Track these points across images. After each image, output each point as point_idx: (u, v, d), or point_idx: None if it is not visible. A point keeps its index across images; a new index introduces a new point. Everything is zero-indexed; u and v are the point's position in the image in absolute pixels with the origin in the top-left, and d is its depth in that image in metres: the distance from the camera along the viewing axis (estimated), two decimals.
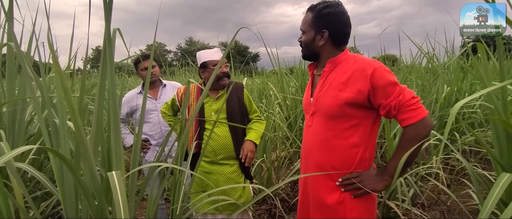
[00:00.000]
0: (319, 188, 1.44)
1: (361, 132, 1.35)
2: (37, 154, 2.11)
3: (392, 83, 1.27)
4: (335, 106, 1.34)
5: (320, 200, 1.43)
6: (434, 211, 3.16)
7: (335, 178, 1.39)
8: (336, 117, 1.36)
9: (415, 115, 1.25)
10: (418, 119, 1.25)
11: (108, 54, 1.03)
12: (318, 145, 1.43)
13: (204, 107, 2.09)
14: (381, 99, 1.28)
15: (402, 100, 1.25)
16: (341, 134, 1.36)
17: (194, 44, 49.41)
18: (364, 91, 1.29)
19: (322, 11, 1.39)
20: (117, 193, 0.89)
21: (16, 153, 0.87)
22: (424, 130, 1.25)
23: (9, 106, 1.69)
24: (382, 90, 1.27)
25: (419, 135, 1.25)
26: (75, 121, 0.91)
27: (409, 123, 1.26)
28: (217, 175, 2.06)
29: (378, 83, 1.27)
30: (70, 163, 0.97)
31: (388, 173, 1.32)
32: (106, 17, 0.99)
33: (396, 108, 1.27)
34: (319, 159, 1.43)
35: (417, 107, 1.26)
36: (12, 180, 1.38)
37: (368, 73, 1.28)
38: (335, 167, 1.38)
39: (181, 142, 1.38)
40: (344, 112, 1.33)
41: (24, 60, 1.17)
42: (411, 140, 1.25)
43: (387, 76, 1.28)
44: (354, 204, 1.37)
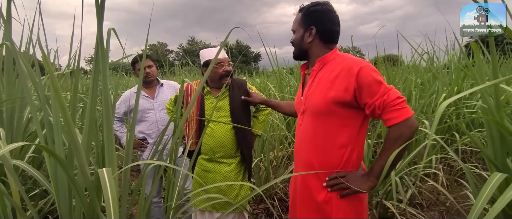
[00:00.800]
0: (307, 186, 1.45)
1: (349, 132, 1.36)
2: (37, 153, 2.14)
3: (378, 82, 1.28)
4: (323, 104, 1.36)
5: (307, 198, 1.45)
6: (433, 212, 3.15)
7: (323, 177, 1.40)
8: (324, 116, 1.37)
9: (399, 115, 1.25)
10: (402, 119, 1.25)
11: (100, 53, 1.05)
12: (307, 143, 1.45)
13: (205, 105, 2.10)
14: (366, 97, 1.29)
15: (386, 99, 1.26)
16: (329, 133, 1.37)
17: (196, 44, 49.58)
18: (350, 89, 1.30)
19: (309, 9, 1.45)
20: (107, 189, 0.91)
21: (9, 148, 0.89)
22: (408, 130, 1.26)
23: (7, 104, 1.72)
24: (367, 88, 1.28)
25: (403, 135, 1.25)
26: (66, 119, 0.93)
27: (393, 123, 1.26)
28: (214, 173, 2.07)
29: (363, 81, 1.28)
30: (63, 161, 0.99)
31: (374, 174, 1.32)
32: (98, 17, 1.01)
33: (381, 107, 1.27)
34: (308, 158, 1.44)
35: (402, 107, 1.26)
36: (8, 177, 1.40)
37: (355, 71, 1.29)
38: (323, 166, 1.39)
39: (174, 139, 1.40)
40: (331, 110, 1.35)
41: (21, 60, 1.19)
42: (396, 140, 1.26)
43: (373, 75, 1.29)
44: (340, 204, 1.38)
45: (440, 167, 3.49)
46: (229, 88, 2.11)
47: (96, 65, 1.06)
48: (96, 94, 1.09)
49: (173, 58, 47.45)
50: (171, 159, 1.45)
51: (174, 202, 1.41)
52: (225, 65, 2.07)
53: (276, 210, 2.92)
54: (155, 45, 50.01)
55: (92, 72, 1.06)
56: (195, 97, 1.39)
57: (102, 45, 1.03)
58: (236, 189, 2.09)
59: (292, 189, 1.61)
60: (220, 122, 2.04)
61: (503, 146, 1.60)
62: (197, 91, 1.40)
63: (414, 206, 3.01)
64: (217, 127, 2.05)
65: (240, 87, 2.14)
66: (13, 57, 1.75)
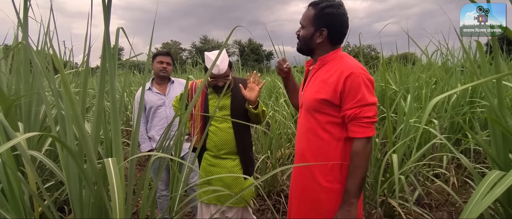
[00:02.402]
0: (300, 175, 1.52)
1: (340, 128, 1.40)
2: (53, 146, 2.26)
3: (360, 92, 1.31)
4: (314, 101, 1.41)
5: (302, 188, 1.51)
6: (442, 212, 3.11)
7: (316, 168, 1.44)
8: (316, 111, 1.42)
9: (361, 131, 1.32)
10: (361, 136, 1.33)
11: (108, 52, 1.13)
12: (302, 136, 1.51)
13: (209, 103, 2.17)
14: (344, 103, 1.34)
15: (358, 114, 1.31)
16: (320, 127, 1.42)
17: (208, 42, 49.82)
18: (337, 90, 1.34)
19: (324, 10, 1.42)
20: (111, 177, 0.98)
21: (23, 137, 0.98)
22: (363, 149, 1.34)
23: (25, 99, 1.83)
24: (348, 94, 1.32)
25: (360, 151, 1.33)
26: (74, 110, 1.01)
27: (354, 136, 1.34)
28: (220, 168, 2.14)
29: (348, 86, 1.32)
30: (73, 151, 1.07)
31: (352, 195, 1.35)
32: (105, 16, 1.09)
33: (350, 118, 1.33)
34: (301, 148, 1.51)
35: (367, 126, 1.33)
36: (26, 167, 1.51)
37: (345, 74, 1.33)
38: (315, 157, 1.44)
39: (178, 134, 1.47)
40: (322, 107, 1.40)
41: (35, 58, 1.28)
42: (357, 154, 1.34)
43: (360, 84, 1.32)
44: (330, 197, 1.43)
45: (452, 168, 3.45)
46: (232, 88, 2.16)
47: (103, 62, 1.13)
48: (103, 89, 1.16)
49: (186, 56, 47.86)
50: (175, 152, 1.52)
51: (179, 193, 1.48)
52: (217, 81, 2.07)
53: (282, 206, 2.96)
54: (168, 44, 50.52)
55: (100, 69, 1.13)
56: (197, 94, 1.46)
57: (109, 43, 1.11)
58: (241, 183, 2.15)
59: (291, 182, 1.66)
60: (222, 120, 2.11)
61: (505, 145, 1.59)
62: (199, 89, 1.46)
63: (422, 206, 2.98)
64: (221, 125, 2.12)
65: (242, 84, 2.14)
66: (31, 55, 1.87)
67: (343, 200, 1.37)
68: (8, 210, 1.35)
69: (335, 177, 1.42)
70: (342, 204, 1.38)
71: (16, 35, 2.16)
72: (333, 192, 1.42)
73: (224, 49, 2.00)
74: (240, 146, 2.14)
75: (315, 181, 1.44)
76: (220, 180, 2.11)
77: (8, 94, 2.00)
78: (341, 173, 1.41)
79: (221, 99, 2.14)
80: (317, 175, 1.44)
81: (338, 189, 1.41)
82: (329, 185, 1.42)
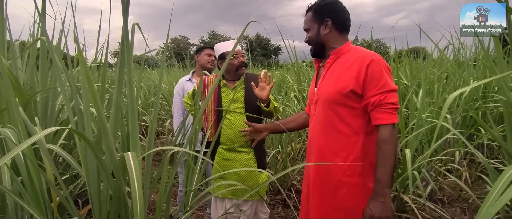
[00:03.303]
0: (318, 173, 1.50)
1: (360, 121, 1.40)
2: (67, 140, 2.30)
3: (383, 78, 1.32)
4: (335, 93, 1.40)
5: (320, 185, 1.50)
6: (454, 208, 3.08)
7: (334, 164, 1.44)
8: (336, 105, 1.42)
9: (387, 117, 1.32)
10: (388, 122, 1.32)
11: (126, 47, 1.14)
12: (319, 132, 1.50)
13: (222, 97, 2.18)
14: (367, 90, 1.34)
15: (383, 100, 1.31)
16: (341, 122, 1.42)
17: (216, 37, 49.87)
18: (360, 79, 1.34)
19: (320, 4, 1.51)
20: (132, 170, 1.00)
21: (45, 133, 1.00)
22: (390, 134, 1.32)
23: (42, 95, 1.86)
24: (371, 81, 1.33)
25: (389, 138, 1.32)
26: (96, 105, 1.02)
27: (380, 122, 1.33)
28: (235, 162, 2.15)
29: (371, 73, 1.33)
30: (92, 143, 1.09)
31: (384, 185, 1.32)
32: (124, 12, 1.10)
33: (374, 105, 1.32)
34: (319, 145, 1.49)
35: (392, 112, 1.32)
36: (44, 160, 1.54)
37: (366, 62, 1.34)
38: (335, 153, 1.44)
39: (193, 128, 1.48)
40: (343, 100, 1.39)
41: (55, 53, 1.30)
42: (386, 141, 1.32)
43: (382, 71, 1.33)
44: (352, 191, 1.42)
45: (464, 163, 3.41)
46: (245, 81, 2.18)
47: (122, 57, 1.14)
48: (121, 84, 1.18)
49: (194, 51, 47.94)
50: (190, 147, 1.53)
51: (194, 187, 1.49)
52: (239, 56, 2.15)
53: (292, 201, 2.97)
54: (176, 39, 50.65)
55: (118, 64, 1.15)
56: (212, 89, 1.47)
57: (127, 39, 1.12)
58: (256, 177, 2.16)
59: (306, 178, 1.65)
60: (236, 113, 2.12)
61: None
62: (214, 83, 1.47)
63: (434, 201, 2.96)
64: (234, 118, 2.13)
65: (254, 81, 2.19)
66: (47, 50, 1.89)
67: (376, 191, 1.33)
68: (28, 202, 1.39)
69: (356, 171, 1.41)
70: (374, 195, 1.34)
71: (33, 31, 2.19)
72: (354, 187, 1.42)
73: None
74: None
75: (334, 176, 1.44)
76: (235, 173, 2.12)
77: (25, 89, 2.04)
78: (363, 167, 1.41)
79: (234, 92, 2.15)
80: (336, 170, 1.44)
81: (359, 184, 1.41)
82: (349, 180, 1.42)
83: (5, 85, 1.30)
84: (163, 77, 6.69)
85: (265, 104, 2.07)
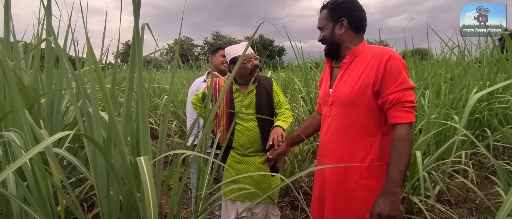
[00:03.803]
0: (334, 177, 1.47)
1: (377, 121, 1.37)
2: (71, 143, 2.26)
3: (401, 75, 1.29)
4: (353, 94, 1.37)
5: (336, 188, 1.46)
6: (462, 209, 3.06)
7: (351, 166, 1.40)
8: (354, 105, 1.38)
9: (406, 116, 1.29)
10: (407, 121, 1.28)
11: (137, 48, 1.10)
12: (335, 134, 1.46)
13: (234, 102, 2.14)
14: (385, 87, 1.31)
15: (401, 98, 1.28)
16: (358, 123, 1.38)
17: (220, 38, 49.84)
18: (379, 75, 1.31)
19: (336, 3, 1.46)
20: (145, 176, 0.96)
21: (55, 138, 0.96)
22: (408, 133, 1.29)
23: (47, 97, 1.82)
24: (389, 78, 1.30)
25: (406, 136, 1.28)
26: (108, 108, 0.98)
27: (399, 121, 1.29)
28: (248, 165, 2.12)
29: (389, 70, 1.30)
30: (102, 148, 1.06)
31: (396, 183, 1.28)
32: (135, 15, 1.06)
33: (392, 103, 1.29)
34: (336, 148, 1.46)
35: (410, 111, 1.29)
36: (51, 164, 1.50)
37: (385, 58, 1.31)
38: (352, 154, 1.40)
39: (204, 132, 1.44)
40: (361, 99, 1.36)
41: (62, 53, 1.27)
42: (402, 140, 1.28)
43: (400, 68, 1.30)
44: (368, 195, 1.38)
45: (470, 163, 3.38)
46: (257, 86, 2.14)
47: (133, 58, 1.11)
48: (132, 86, 1.14)
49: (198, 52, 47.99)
50: (201, 150, 1.49)
51: (204, 191, 1.46)
52: (252, 60, 2.11)
53: (300, 203, 2.94)
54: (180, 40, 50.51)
55: (129, 65, 1.11)
56: (223, 93, 1.43)
57: (139, 40, 1.08)
58: (269, 179, 2.13)
59: (318, 182, 1.62)
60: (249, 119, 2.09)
61: None
62: (225, 87, 1.43)
63: (442, 202, 2.94)
64: (248, 124, 2.10)
65: (266, 85, 2.18)
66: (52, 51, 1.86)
67: (386, 190, 1.30)
68: (34, 207, 1.35)
69: (373, 173, 1.38)
70: (384, 193, 1.30)
71: (37, 31, 2.15)
72: (370, 189, 1.38)
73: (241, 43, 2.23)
74: (266, 143, 2.11)
75: (350, 179, 1.41)
76: (248, 176, 2.09)
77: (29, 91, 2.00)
78: (380, 169, 1.38)
79: (246, 98, 2.12)
80: (352, 172, 1.40)
81: (375, 186, 1.38)
82: (366, 182, 1.38)
83: (11, 88, 1.27)
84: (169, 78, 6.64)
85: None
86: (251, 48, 2.21)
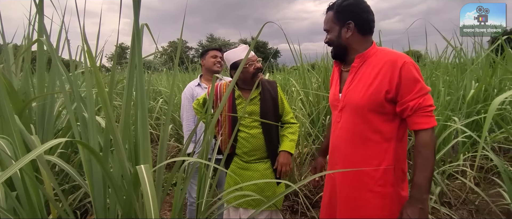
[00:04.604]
0: (347, 184, 1.41)
1: (391, 127, 1.32)
2: (64, 148, 2.17)
3: (417, 81, 1.25)
4: (366, 99, 1.31)
5: (348, 197, 1.40)
6: (462, 210, 3.04)
7: (363, 174, 1.35)
8: (366, 112, 1.33)
9: (429, 121, 1.25)
10: (430, 126, 1.25)
11: (137, 49, 1.03)
12: (346, 140, 1.40)
13: (237, 109, 2.06)
14: (403, 94, 1.26)
15: (422, 103, 1.24)
16: (370, 129, 1.33)
17: (215, 40, 49.60)
18: (393, 83, 1.26)
19: (342, 4, 1.39)
20: (146, 186, 0.89)
21: (48, 146, 0.88)
22: (431, 139, 1.25)
23: (38, 101, 1.73)
24: (406, 85, 1.25)
25: (430, 142, 1.25)
26: (107, 113, 0.91)
27: (422, 127, 1.25)
28: (252, 171, 2.06)
29: (405, 76, 1.25)
30: (100, 156, 0.98)
31: (423, 190, 1.23)
32: (135, 15, 0.99)
33: (413, 110, 1.25)
34: (347, 155, 1.40)
35: (432, 115, 1.26)
36: (42, 172, 1.42)
37: (399, 65, 1.26)
38: (365, 162, 1.35)
39: (206, 138, 1.38)
40: (374, 106, 1.30)
41: (55, 55, 1.19)
42: (425, 146, 1.24)
43: (415, 73, 1.26)
44: (384, 203, 1.34)
45: (468, 164, 3.37)
46: (260, 92, 2.06)
47: (132, 60, 1.04)
48: (131, 90, 1.07)
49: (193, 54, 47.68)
50: (203, 157, 1.43)
51: (205, 198, 1.39)
52: (254, 63, 2.03)
53: (300, 207, 2.89)
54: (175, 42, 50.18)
55: (128, 68, 1.04)
56: (225, 99, 1.36)
57: (139, 41, 1.01)
58: (273, 186, 2.07)
59: (328, 188, 1.56)
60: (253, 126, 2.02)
61: None
62: (227, 92, 1.35)
63: (442, 204, 2.92)
64: (252, 132, 2.02)
65: (271, 90, 2.10)
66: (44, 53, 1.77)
67: (414, 197, 1.24)
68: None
69: (388, 180, 1.33)
70: (411, 201, 1.24)
71: (28, 33, 2.06)
72: (387, 197, 1.33)
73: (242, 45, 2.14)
74: (271, 150, 2.05)
75: (364, 186, 1.35)
76: (253, 183, 2.01)
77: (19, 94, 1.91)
78: (395, 175, 1.33)
79: (249, 105, 2.04)
80: (366, 180, 1.34)
81: (391, 193, 1.33)
82: (382, 190, 1.33)
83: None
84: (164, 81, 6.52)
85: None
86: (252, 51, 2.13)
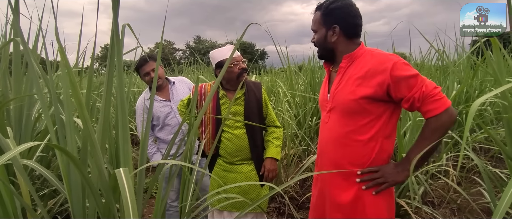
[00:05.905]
0: (336, 186, 1.41)
1: (379, 126, 1.32)
2: (45, 152, 2.10)
3: (414, 75, 1.25)
4: (353, 101, 1.31)
5: (337, 198, 1.40)
6: (444, 209, 3.11)
7: (352, 176, 1.36)
8: (354, 113, 1.33)
9: (439, 105, 1.23)
10: (443, 109, 1.23)
11: (116, 50, 1.01)
12: (334, 142, 1.40)
13: (221, 109, 2.05)
14: (404, 92, 1.25)
15: (425, 91, 1.23)
16: (359, 130, 1.33)
17: (202, 42, 49.18)
18: (384, 85, 1.26)
19: (329, 7, 1.38)
20: (125, 190, 0.87)
21: (21, 149, 0.85)
22: (449, 119, 1.24)
23: (15, 103, 1.68)
24: (405, 83, 1.24)
25: (444, 125, 1.24)
26: (83, 116, 0.88)
27: (434, 113, 1.24)
28: (236, 173, 2.04)
29: (399, 76, 1.24)
30: (77, 160, 0.95)
31: (409, 162, 1.25)
32: (114, 12, 0.97)
33: (420, 100, 1.24)
34: (335, 156, 1.40)
35: (441, 97, 1.24)
36: (18, 177, 1.37)
37: (388, 66, 1.25)
38: (353, 163, 1.35)
39: (189, 140, 1.35)
40: (362, 107, 1.30)
41: (31, 56, 1.15)
42: (435, 130, 1.24)
43: (407, 69, 1.26)
44: (373, 202, 1.34)
45: (450, 164, 3.44)
46: (245, 92, 2.05)
47: (111, 61, 1.01)
48: (110, 91, 1.04)
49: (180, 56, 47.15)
50: (186, 160, 1.40)
51: (189, 202, 1.37)
52: (239, 63, 2.01)
53: (287, 208, 2.89)
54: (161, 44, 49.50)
55: (107, 68, 1.01)
56: (209, 99, 1.35)
57: (118, 42, 0.99)
58: (258, 189, 2.06)
59: (317, 189, 1.56)
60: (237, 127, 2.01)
61: None
62: (211, 92, 1.34)
63: (425, 203, 2.97)
64: (236, 132, 2.01)
65: (256, 91, 2.09)
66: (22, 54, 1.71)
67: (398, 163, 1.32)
68: None
69: None
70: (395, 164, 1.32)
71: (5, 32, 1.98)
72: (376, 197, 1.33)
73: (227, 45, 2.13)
74: (254, 151, 2.04)
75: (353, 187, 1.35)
76: (236, 186, 1.99)
77: None
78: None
79: (234, 105, 2.02)
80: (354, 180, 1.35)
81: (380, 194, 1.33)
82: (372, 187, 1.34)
83: None
84: None
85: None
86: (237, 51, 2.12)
